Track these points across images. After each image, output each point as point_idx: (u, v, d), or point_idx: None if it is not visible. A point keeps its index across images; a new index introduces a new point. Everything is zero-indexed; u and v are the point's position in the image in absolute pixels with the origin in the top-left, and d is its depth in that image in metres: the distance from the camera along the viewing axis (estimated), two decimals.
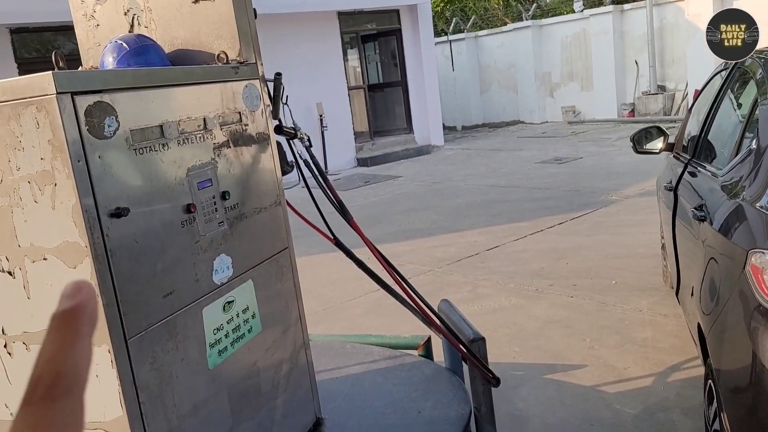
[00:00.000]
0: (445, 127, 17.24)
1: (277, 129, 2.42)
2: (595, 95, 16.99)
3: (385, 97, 15.90)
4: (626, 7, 16.33)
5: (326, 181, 2.52)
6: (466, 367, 2.85)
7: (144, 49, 2.19)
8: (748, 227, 2.36)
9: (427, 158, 14.39)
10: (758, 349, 2.08)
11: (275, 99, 2.40)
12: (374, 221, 8.49)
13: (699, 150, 3.61)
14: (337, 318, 5.29)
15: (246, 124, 2.23)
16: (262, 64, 2.34)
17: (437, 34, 19.43)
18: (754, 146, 2.59)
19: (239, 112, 2.20)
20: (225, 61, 2.22)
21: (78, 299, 0.40)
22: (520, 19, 19.44)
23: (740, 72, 3.52)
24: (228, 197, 2.10)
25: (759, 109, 2.78)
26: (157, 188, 1.85)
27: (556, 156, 12.32)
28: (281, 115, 2.44)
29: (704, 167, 3.32)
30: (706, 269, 2.68)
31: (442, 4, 23.34)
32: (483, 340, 2.69)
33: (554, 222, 7.50)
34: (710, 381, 2.63)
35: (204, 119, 2.04)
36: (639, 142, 4.34)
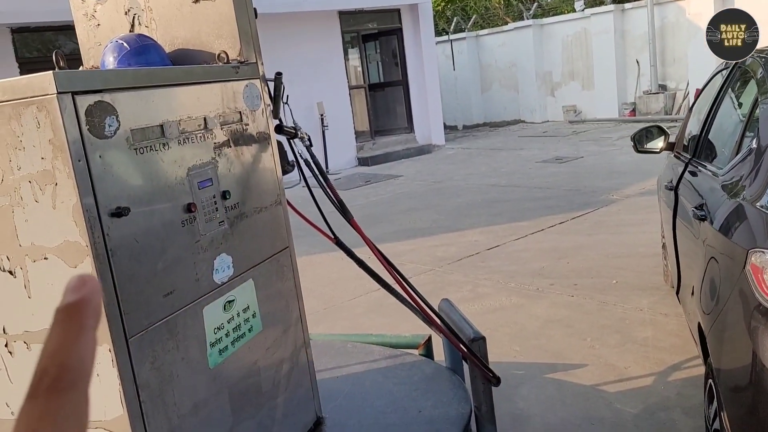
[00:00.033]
0: (446, 127, 17.25)
1: (278, 128, 2.42)
2: (596, 94, 16.99)
3: (386, 97, 15.90)
4: (627, 6, 16.32)
5: (326, 180, 2.52)
6: (466, 367, 2.86)
7: (144, 49, 2.19)
8: (748, 226, 2.36)
9: (428, 157, 14.39)
10: (758, 349, 2.08)
11: (276, 98, 2.40)
12: (375, 220, 8.50)
13: (699, 149, 3.60)
14: (338, 317, 5.29)
15: (246, 124, 2.24)
16: (262, 64, 2.35)
17: (438, 33, 19.42)
18: (754, 146, 2.59)
19: (240, 112, 2.21)
20: (225, 60, 2.22)
21: (82, 293, 0.40)
22: (521, 19, 19.45)
23: (741, 71, 3.52)
24: (228, 197, 2.11)
25: (759, 108, 2.78)
26: (157, 188, 1.85)
27: (557, 155, 12.32)
28: (282, 115, 2.45)
29: (705, 166, 3.32)
30: (706, 269, 2.68)
31: (443, 4, 23.33)
32: (483, 339, 2.70)
33: (555, 221, 7.50)
34: (710, 380, 2.64)
35: (204, 119, 2.04)
36: (639, 141, 4.34)
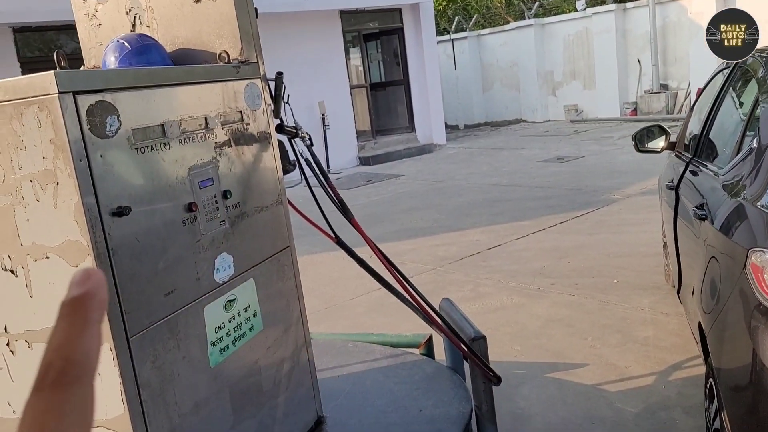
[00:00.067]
0: (447, 126, 17.24)
1: (279, 128, 2.43)
2: (598, 94, 16.98)
3: (387, 96, 15.90)
4: (629, 5, 16.31)
5: (327, 179, 2.52)
6: (467, 366, 2.86)
7: (145, 49, 2.20)
8: (748, 226, 2.36)
9: (429, 157, 14.39)
10: (758, 348, 2.08)
11: (276, 98, 2.40)
12: (376, 220, 8.50)
13: (700, 149, 3.60)
14: (339, 316, 5.30)
15: (247, 123, 2.24)
16: (263, 63, 2.35)
17: (439, 32, 19.43)
18: (754, 145, 2.59)
19: (241, 111, 2.21)
20: (226, 60, 2.23)
21: (87, 286, 0.40)
22: (523, 18, 19.45)
23: (742, 71, 3.52)
24: (229, 196, 2.11)
25: (760, 108, 2.78)
26: (158, 187, 1.85)
27: (559, 155, 12.32)
28: (282, 114, 2.45)
29: (705, 166, 3.32)
30: (706, 268, 2.68)
31: (444, 3, 23.33)
32: (484, 338, 2.70)
33: (556, 221, 7.50)
34: (711, 379, 2.64)
35: (205, 118, 2.04)
36: (641, 141, 4.33)
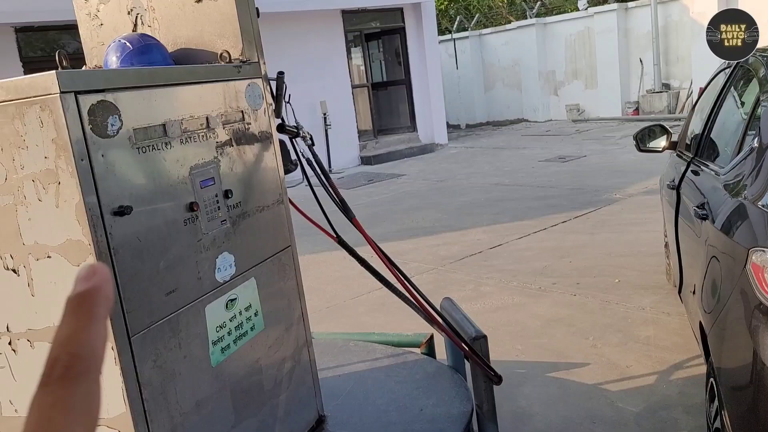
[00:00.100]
0: (449, 126, 17.24)
1: (280, 127, 2.43)
2: (600, 93, 16.97)
3: (389, 96, 15.90)
4: (631, 5, 16.29)
5: (328, 179, 2.53)
6: (468, 365, 2.86)
7: (147, 48, 2.20)
8: (749, 225, 2.36)
9: (430, 156, 14.39)
10: (759, 348, 2.09)
11: (278, 97, 2.41)
12: (378, 219, 8.50)
13: (702, 148, 3.60)
14: (341, 316, 5.30)
15: (248, 123, 2.25)
16: (264, 63, 2.36)
17: (441, 32, 19.42)
18: (755, 145, 2.59)
19: (242, 111, 2.22)
20: (228, 60, 2.23)
21: (93, 282, 0.40)
22: (525, 17, 19.43)
23: (743, 70, 3.52)
24: (231, 195, 2.11)
25: (761, 107, 2.78)
26: (159, 187, 1.86)
27: (560, 154, 12.31)
28: (284, 114, 2.45)
29: (707, 166, 3.31)
30: (707, 268, 2.68)
31: (446, 3, 23.32)
32: (485, 338, 2.70)
33: (558, 220, 7.50)
34: (711, 379, 2.64)
35: (207, 118, 2.05)
36: (642, 140, 4.33)
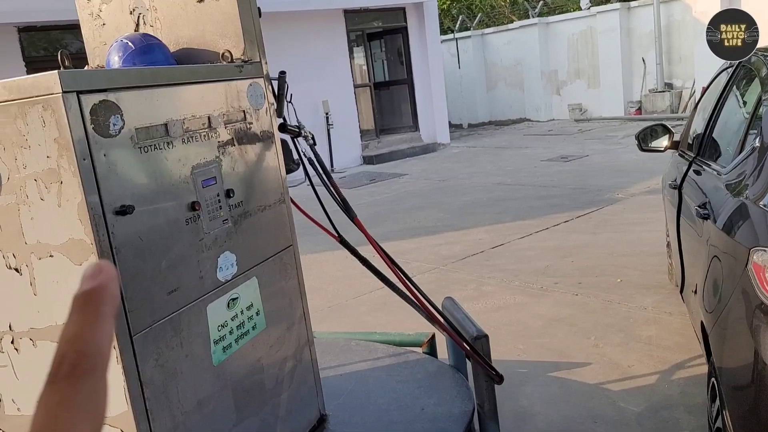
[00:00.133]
0: (451, 125, 17.23)
1: (281, 127, 2.44)
2: (602, 93, 16.96)
3: (391, 95, 15.90)
4: (633, 4, 16.27)
5: (330, 178, 2.53)
6: (470, 365, 2.86)
7: (149, 48, 2.21)
8: (750, 225, 2.36)
9: (433, 156, 14.39)
10: (760, 348, 2.09)
11: (279, 97, 2.41)
12: (380, 219, 8.51)
13: (703, 148, 3.60)
14: (343, 315, 5.31)
15: (250, 123, 2.25)
16: (266, 63, 2.36)
17: (443, 31, 19.41)
18: (757, 144, 2.59)
19: (244, 111, 2.22)
20: (229, 59, 2.24)
21: (99, 280, 0.41)
22: (527, 17, 19.41)
23: (745, 70, 3.51)
24: (232, 195, 2.12)
25: (762, 107, 2.78)
26: (161, 186, 1.87)
27: (563, 154, 12.30)
28: (285, 113, 2.46)
29: (709, 165, 3.31)
30: (709, 267, 2.68)
31: (448, 2, 23.31)
32: (486, 337, 2.70)
33: (560, 220, 7.50)
34: (713, 379, 2.64)
35: (208, 117, 2.05)
36: (644, 140, 4.33)
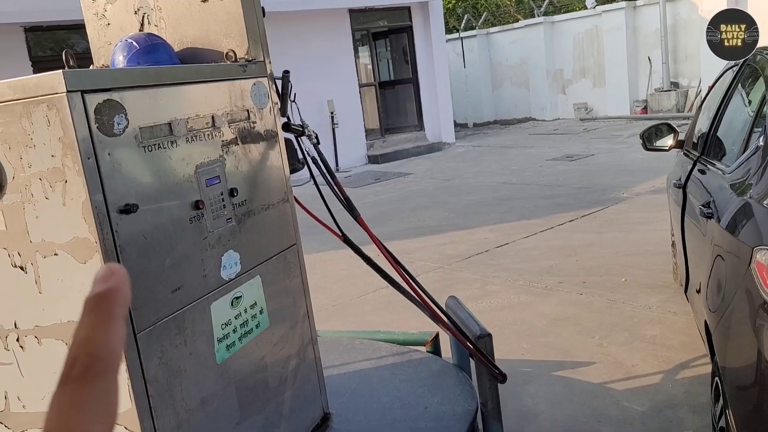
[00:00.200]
0: (456, 124, 17.23)
1: (285, 126, 2.45)
2: (608, 92, 16.91)
3: (396, 95, 15.90)
4: (639, 3, 16.22)
5: (333, 177, 2.54)
6: (473, 363, 2.87)
7: (153, 48, 2.22)
8: (754, 224, 2.35)
9: (438, 155, 14.38)
10: (763, 347, 2.08)
11: (283, 96, 2.42)
12: (385, 218, 8.51)
13: (708, 147, 3.59)
14: (347, 314, 5.32)
15: (254, 122, 2.26)
16: (270, 62, 2.37)
17: (449, 31, 19.40)
18: (761, 143, 2.58)
19: (247, 110, 2.23)
20: (233, 59, 2.25)
21: (111, 283, 0.41)
22: (532, 16, 19.39)
23: (750, 69, 3.50)
24: (236, 194, 2.13)
25: (766, 106, 2.77)
26: (165, 185, 1.88)
27: (568, 153, 12.28)
28: (289, 113, 2.47)
29: (713, 164, 3.31)
30: (712, 266, 2.68)
31: (453, 1, 23.29)
32: (489, 336, 2.70)
33: (565, 219, 7.49)
34: (716, 378, 2.63)
35: (212, 117, 2.06)
36: (649, 139, 4.32)
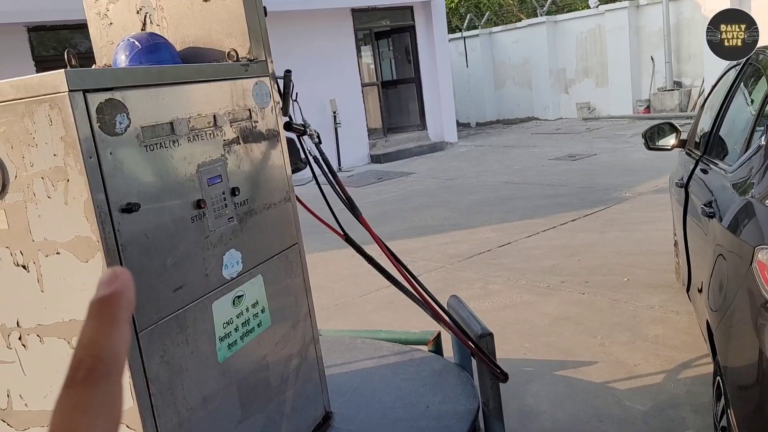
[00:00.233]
0: (458, 124, 17.22)
1: (287, 126, 2.45)
2: (610, 91, 16.89)
3: (398, 94, 15.89)
4: (642, 2, 16.20)
5: (335, 177, 2.54)
6: (475, 363, 2.87)
7: (156, 47, 2.23)
8: (756, 224, 2.35)
9: (440, 155, 14.38)
10: (765, 346, 2.08)
11: (285, 96, 2.43)
12: (387, 218, 8.52)
13: (710, 146, 3.59)
14: (349, 313, 5.32)
15: (256, 121, 2.26)
16: (272, 62, 2.37)
17: (451, 30, 19.38)
18: (763, 142, 2.58)
19: (249, 109, 2.23)
20: (235, 58, 2.25)
21: (115, 286, 0.41)
22: (535, 15, 19.37)
23: (752, 68, 3.50)
24: (238, 193, 2.13)
25: None
26: (167, 184, 1.88)
27: (570, 152, 12.27)
28: (291, 112, 2.47)
29: (715, 164, 3.30)
30: (714, 266, 2.68)
31: (456, 1, 23.27)
32: (491, 335, 2.71)
33: (567, 219, 7.48)
34: (718, 377, 2.63)
35: (214, 116, 2.07)
36: (651, 138, 4.31)
